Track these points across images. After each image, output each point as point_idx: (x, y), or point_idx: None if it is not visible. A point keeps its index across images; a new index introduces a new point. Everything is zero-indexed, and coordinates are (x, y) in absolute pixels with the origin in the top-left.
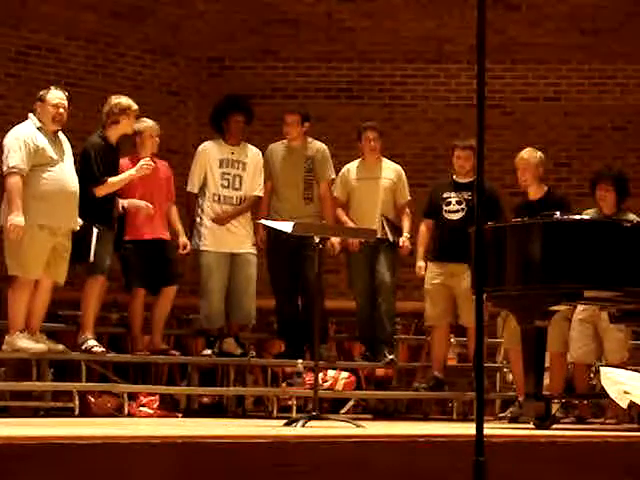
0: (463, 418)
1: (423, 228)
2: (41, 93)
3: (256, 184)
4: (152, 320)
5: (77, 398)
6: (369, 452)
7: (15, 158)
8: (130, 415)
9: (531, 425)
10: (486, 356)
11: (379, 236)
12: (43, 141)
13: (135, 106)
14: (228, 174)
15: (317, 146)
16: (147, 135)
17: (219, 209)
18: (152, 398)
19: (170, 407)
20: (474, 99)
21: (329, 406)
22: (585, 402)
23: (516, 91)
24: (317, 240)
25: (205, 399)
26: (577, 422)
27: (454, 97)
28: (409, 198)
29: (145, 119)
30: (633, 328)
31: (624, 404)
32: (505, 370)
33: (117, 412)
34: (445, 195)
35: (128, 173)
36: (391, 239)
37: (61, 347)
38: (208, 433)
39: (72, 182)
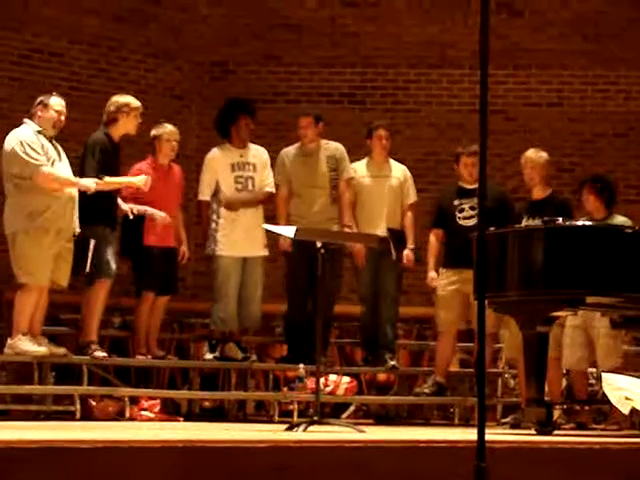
0: (464, 423)
1: (433, 238)
2: (42, 98)
3: (265, 181)
4: (148, 329)
5: (78, 402)
6: (370, 457)
7: (34, 155)
8: (131, 419)
9: (532, 431)
10: (489, 362)
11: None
12: (45, 144)
13: (135, 104)
14: (241, 177)
15: (335, 145)
16: (164, 140)
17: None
18: (153, 402)
19: (171, 411)
20: (477, 104)
21: (330, 411)
22: (586, 408)
23: (519, 97)
24: (319, 245)
25: (206, 403)
26: (578, 428)
27: (456, 102)
28: (415, 199)
29: (164, 124)
30: (634, 334)
31: (625, 410)
32: (507, 376)
33: (118, 416)
34: (456, 202)
35: (126, 179)
36: (394, 257)
37: (63, 350)
38: (209, 437)
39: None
